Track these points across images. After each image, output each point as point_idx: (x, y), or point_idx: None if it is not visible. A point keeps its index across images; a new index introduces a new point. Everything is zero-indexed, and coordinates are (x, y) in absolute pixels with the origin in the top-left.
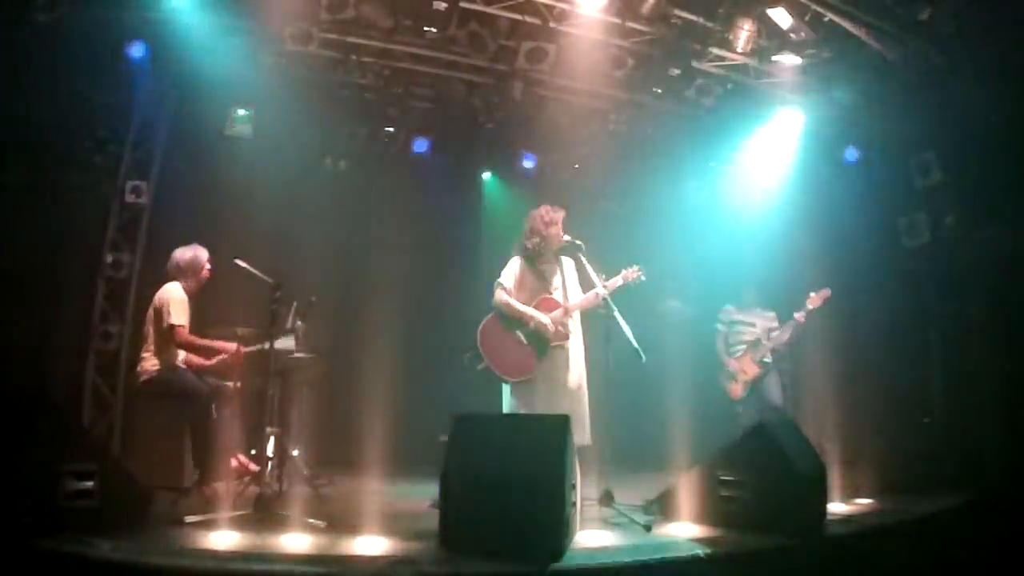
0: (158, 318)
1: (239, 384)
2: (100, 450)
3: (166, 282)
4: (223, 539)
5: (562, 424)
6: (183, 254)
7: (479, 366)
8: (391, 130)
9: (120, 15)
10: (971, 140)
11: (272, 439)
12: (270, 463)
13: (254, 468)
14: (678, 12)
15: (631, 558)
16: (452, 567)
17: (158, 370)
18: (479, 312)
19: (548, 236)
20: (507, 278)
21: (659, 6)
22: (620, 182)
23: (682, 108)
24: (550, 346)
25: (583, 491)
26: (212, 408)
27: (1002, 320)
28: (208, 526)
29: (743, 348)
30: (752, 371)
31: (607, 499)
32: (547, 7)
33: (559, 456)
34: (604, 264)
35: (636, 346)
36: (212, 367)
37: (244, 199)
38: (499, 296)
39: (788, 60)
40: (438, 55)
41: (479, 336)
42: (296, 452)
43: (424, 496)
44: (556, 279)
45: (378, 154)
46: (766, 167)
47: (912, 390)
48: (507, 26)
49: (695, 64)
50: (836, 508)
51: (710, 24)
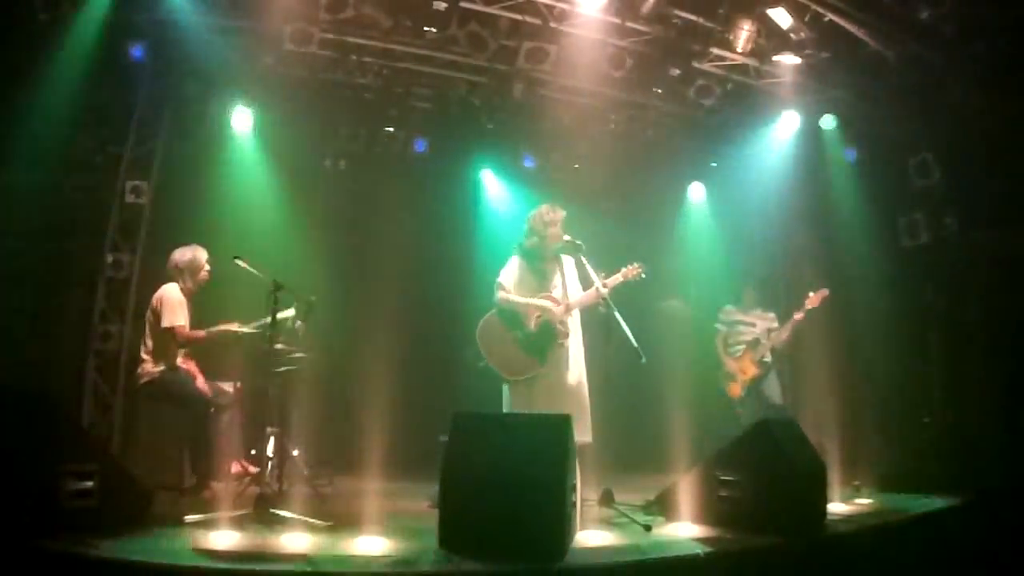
0: (156, 320)
1: (239, 385)
2: (100, 450)
3: (165, 283)
4: (223, 539)
5: (562, 424)
6: (182, 254)
7: (481, 364)
8: (391, 130)
9: (120, 15)
10: (970, 140)
11: (272, 439)
12: (270, 463)
13: (254, 469)
14: (678, 12)
15: (631, 558)
16: (452, 567)
17: (157, 372)
18: (479, 312)
19: (547, 236)
20: (506, 277)
21: (659, 6)
22: (620, 182)
23: (682, 108)
24: (552, 343)
25: (583, 491)
26: (211, 411)
27: (1002, 320)
28: (208, 526)
29: (742, 348)
30: (751, 371)
31: (607, 499)
32: (547, 7)
33: (559, 456)
34: (604, 264)
35: (636, 346)
36: (209, 339)
37: (244, 199)
38: (499, 294)
39: (788, 60)
40: (438, 55)
41: (478, 334)
42: (296, 452)
43: (424, 496)
44: (556, 278)
45: (378, 154)
46: (766, 167)
47: (912, 390)
48: (507, 26)
49: (695, 64)
50: (836, 508)
51: (710, 24)
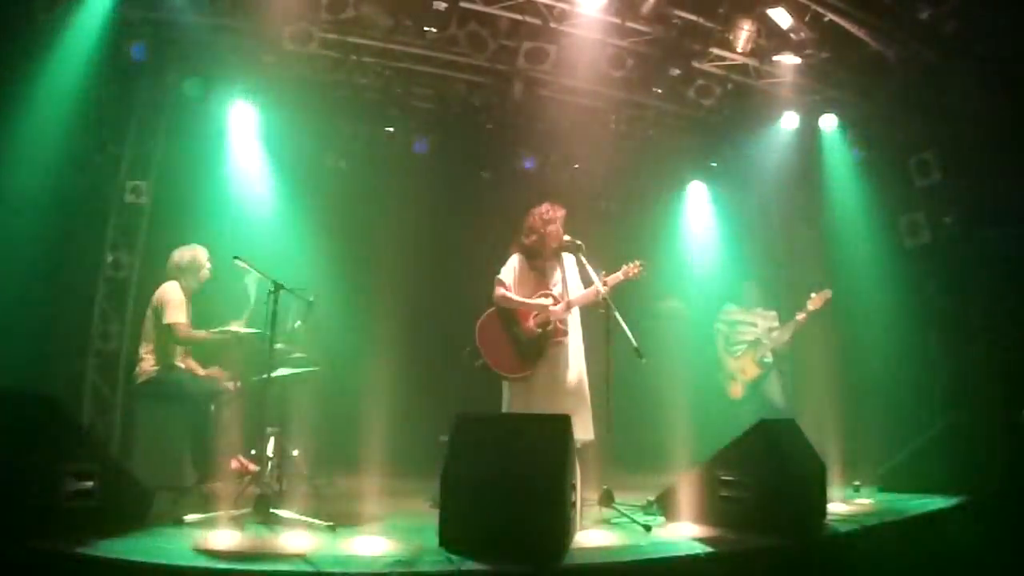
0: (156, 318)
1: (239, 384)
2: (100, 450)
3: (165, 282)
4: (223, 539)
5: (562, 424)
6: (183, 254)
7: (477, 363)
8: (391, 130)
9: (120, 15)
10: (971, 140)
11: (272, 439)
12: (270, 463)
13: (254, 468)
14: (678, 12)
15: (631, 558)
16: (452, 567)
17: (157, 370)
18: (479, 312)
19: (547, 234)
20: (506, 274)
21: (659, 6)
22: (620, 182)
23: (682, 108)
24: (550, 341)
25: (583, 491)
26: (211, 409)
27: (1002, 320)
28: (208, 526)
29: (743, 348)
30: (752, 371)
31: (607, 499)
32: (547, 7)
33: (559, 456)
34: (604, 264)
35: (636, 346)
36: (210, 341)
37: (244, 199)
38: (498, 292)
39: (788, 60)
40: (438, 55)
41: (477, 332)
42: (296, 452)
43: (424, 496)
44: (556, 276)
45: (378, 154)
46: (766, 167)
47: (912, 390)
48: (507, 26)
49: (695, 64)
50: (836, 508)
51: (710, 24)
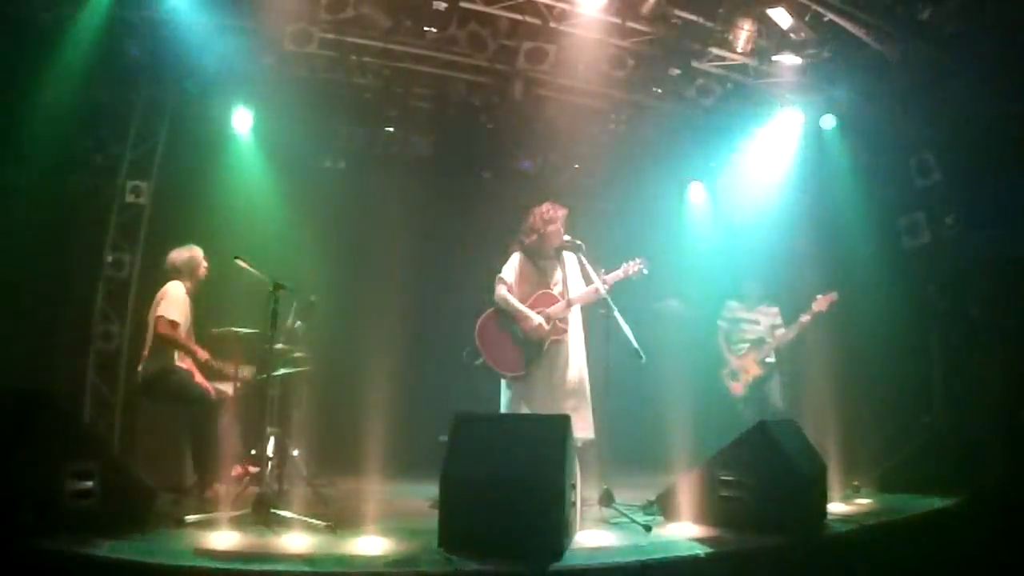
0: (156, 312)
1: (239, 385)
2: (101, 450)
3: (166, 283)
4: (223, 539)
5: (562, 424)
6: (179, 254)
7: (477, 362)
8: (391, 130)
9: (120, 15)
10: (971, 140)
11: (272, 439)
12: (270, 463)
13: (254, 469)
14: (678, 12)
15: (631, 558)
16: (452, 567)
17: (159, 370)
18: (479, 311)
19: (547, 234)
20: (508, 273)
21: (659, 6)
22: (620, 182)
23: (682, 108)
24: (542, 349)
25: (583, 491)
26: (212, 410)
27: (1002, 320)
28: (208, 526)
29: (746, 346)
30: (754, 371)
31: (607, 499)
32: (547, 7)
33: (559, 456)
34: (604, 264)
35: (636, 346)
36: (190, 352)
37: (244, 199)
38: (499, 291)
39: (788, 60)
40: (438, 55)
41: (477, 331)
42: (296, 452)
43: (424, 496)
44: (556, 274)
45: (378, 154)
46: (766, 167)
47: (912, 390)
48: (507, 26)
49: (695, 64)
50: (836, 508)
51: (710, 24)
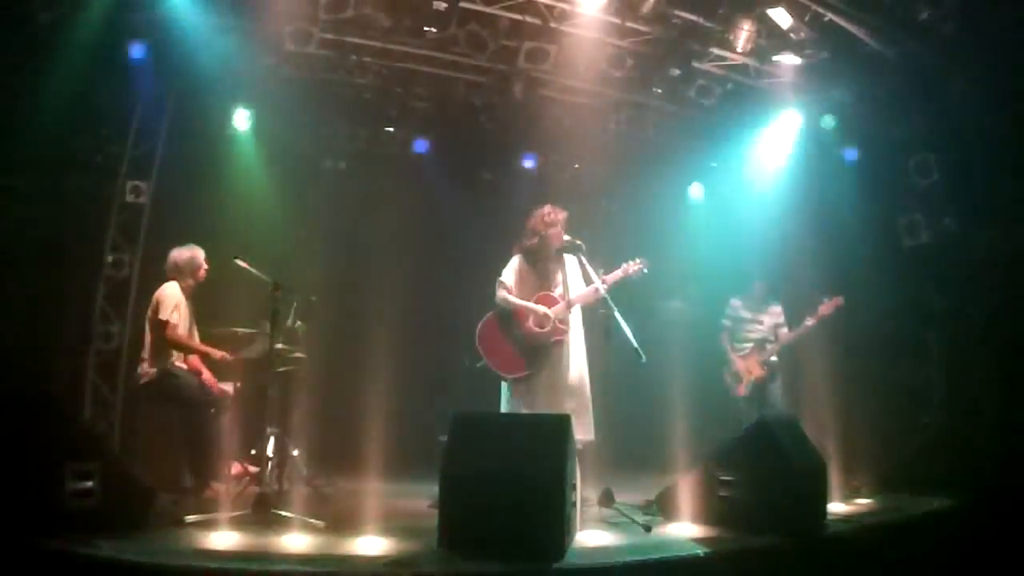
0: (155, 317)
1: (239, 385)
2: (101, 450)
3: (165, 282)
4: (223, 539)
5: (562, 424)
6: (180, 254)
7: (478, 364)
8: (391, 130)
9: (120, 15)
10: (970, 140)
11: (272, 439)
12: (270, 463)
13: (254, 469)
14: (678, 12)
15: (631, 558)
16: (452, 567)
17: (157, 372)
18: (479, 312)
19: (548, 236)
20: (508, 276)
21: (659, 6)
22: (620, 182)
23: (682, 108)
24: (542, 350)
25: (583, 491)
26: (210, 411)
27: (1002, 320)
28: (208, 526)
29: (749, 347)
30: (757, 371)
31: (607, 499)
32: (547, 7)
33: (559, 456)
34: (604, 265)
35: (636, 346)
36: (197, 351)
37: (244, 199)
38: (500, 293)
39: (788, 60)
40: (438, 55)
41: (478, 333)
42: (296, 452)
43: (424, 496)
44: (557, 276)
45: (378, 154)
46: (766, 167)
47: (912, 390)
48: (507, 26)
49: (695, 64)
50: (836, 508)
51: (710, 24)
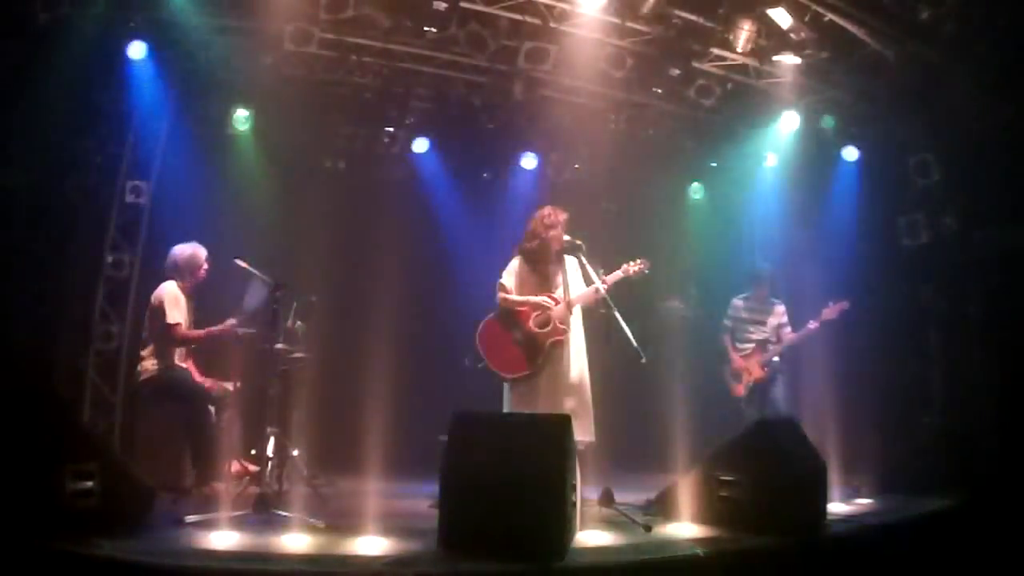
0: (155, 318)
1: (239, 384)
2: (101, 450)
3: (163, 281)
4: (223, 539)
5: (562, 424)
6: (181, 252)
7: (479, 365)
8: (391, 130)
9: (120, 15)
10: (970, 140)
11: (272, 439)
12: (270, 463)
13: (254, 468)
14: (678, 12)
15: (631, 558)
16: (452, 567)
17: (157, 371)
18: (479, 312)
19: (548, 239)
20: (507, 278)
21: (659, 6)
22: (620, 182)
23: (682, 108)
24: (550, 340)
25: (583, 491)
26: (211, 410)
27: (1002, 320)
28: (208, 526)
29: (751, 347)
30: (757, 372)
31: (607, 499)
32: (547, 7)
33: (559, 456)
34: (604, 265)
35: (636, 346)
36: (207, 339)
37: (244, 199)
38: (500, 295)
39: (788, 60)
40: (438, 55)
41: (478, 334)
42: (296, 452)
43: (424, 496)
44: (558, 278)
45: (378, 154)
46: (766, 167)
47: (912, 390)
48: (507, 26)
49: (695, 64)
50: (836, 508)
51: (710, 24)
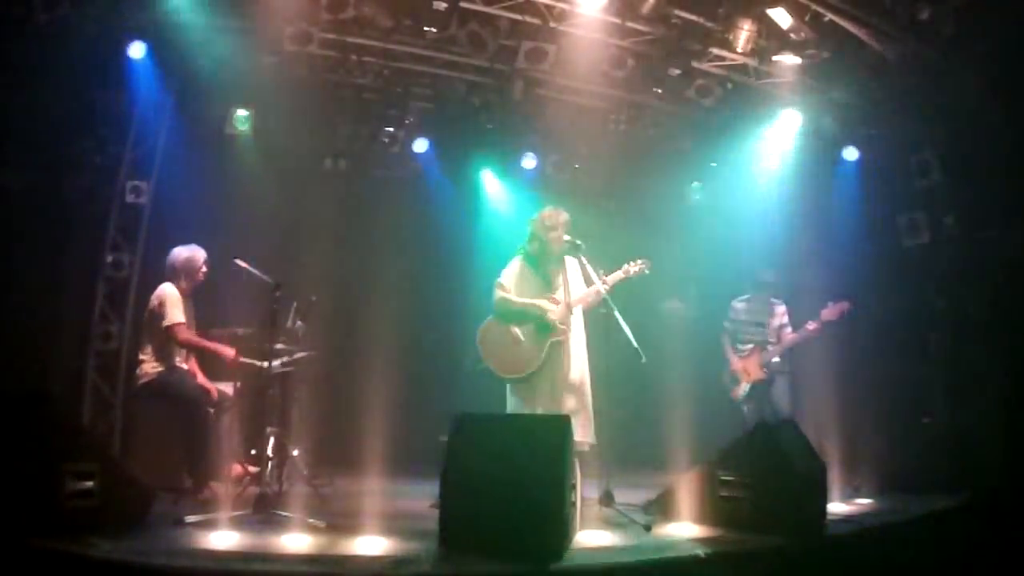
0: (154, 319)
1: (239, 385)
2: (100, 450)
3: (162, 282)
4: (223, 539)
5: (562, 424)
6: (180, 253)
7: (479, 365)
8: (391, 130)
9: (120, 15)
10: (970, 140)
11: (272, 439)
12: (270, 463)
13: (254, 469)
14: (678, 12)
15: (631, 558)
16: (452, 567)
17: (157, 372)
18: (479, 312)
19: (549, 241)
20: (506, 277)
21: (659, 6)
22: (620, 182)
23: (682, 108)
24: (551, 341)
25: (583, 491)
26: (209, 412)
27: (1002, 320)
28: (208, 526)
29: (751, 348)
30: (756, 373)
31: (607, 499)
32: (547, 7)
33: (559, 456)
34: (604, 265)
35: (636, 346)
36: (205, 350)
37: (244, 199)
38: (497, 294)
39: (788, 60)
40: (438, 55)
41: (479, 339)
42: (296, 452)
43: (424, 496)
44: (558, 279)
45: (378, 154)
46: (766, 167)
47: (912, 390)
48: (507, 26)
49: (695, 64)
50: (836, 508)
51: (710, 24)
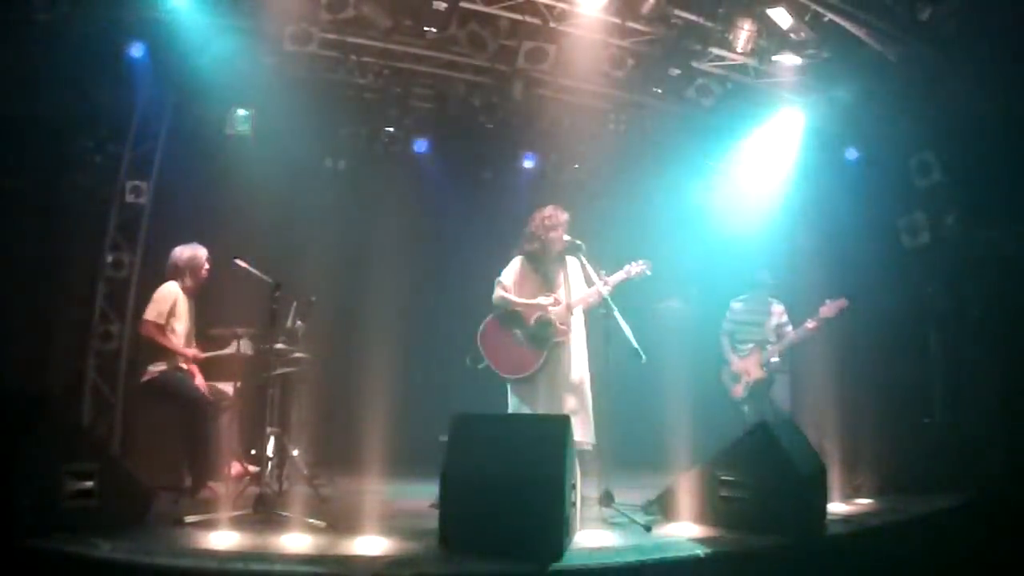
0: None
1: (239, 385)
2: (100, 450)
3: (164, 282)
4: (223, 539)
5: (562, 424)
6: (181, 253)
7: (480, 365)
8: (391, 130)
9: (120, 15)
10: (971, 140)
11: (272, 439)
12: (270, 463)
13: (254, 469)
14: (678, 12)
15: (631, 558)
16: (452, 567)
17: (157, 372)
18: (479, 312)
19: (549, 240)
20: (507, 276)
21: (659, 6)
22: (620, 182)
23: (682, 108)
24: (551, 341)
25: (583, 491)
26: (209, 412)
27: (1002, 320)
28: (208, 526)
29: (750, 348)
30: (756, 373)
31: (607, 499)
32: (547, 7)
33: (559, 456)
34: (604, 265)
35: (636, 346)
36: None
37: (244, 199)
38: (497, 292)
39: (788, 60)
40: (438, 55)
41: (479, 336)
42: (296, 452)
43: (424, 496)
44: (559, 279)
45: (378, 154)
46: (766, 167)
47: (912, 390)
48: (507, 26)
49: (695, 64)
50: (836, 508)
51: (710, 24)
